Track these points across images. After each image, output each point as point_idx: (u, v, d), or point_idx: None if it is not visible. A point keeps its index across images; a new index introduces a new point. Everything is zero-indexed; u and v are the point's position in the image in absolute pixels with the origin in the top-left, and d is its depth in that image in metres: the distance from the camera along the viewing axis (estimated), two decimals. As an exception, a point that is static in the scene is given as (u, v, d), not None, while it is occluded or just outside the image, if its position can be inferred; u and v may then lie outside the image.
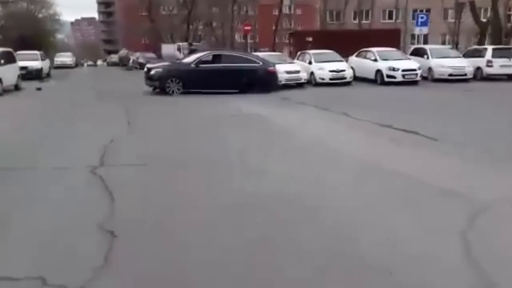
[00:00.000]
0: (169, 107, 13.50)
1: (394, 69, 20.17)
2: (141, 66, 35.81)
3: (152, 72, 16.87)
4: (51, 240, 4.02)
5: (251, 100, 14.99)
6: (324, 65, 20.54)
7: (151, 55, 38.59)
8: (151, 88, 17.37)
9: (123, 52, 47.41)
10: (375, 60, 21.13)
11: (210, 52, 18.06)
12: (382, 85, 20.11)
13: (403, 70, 20.14)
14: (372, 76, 21.08)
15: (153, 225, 4.39)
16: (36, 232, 4.20)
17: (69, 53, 43.35)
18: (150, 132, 9.39)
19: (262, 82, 17.37)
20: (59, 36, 79.47)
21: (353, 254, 3.76)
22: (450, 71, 21.04)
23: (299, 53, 23.33)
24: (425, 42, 39.66)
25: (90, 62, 72.60)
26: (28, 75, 20.76)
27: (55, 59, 37.23)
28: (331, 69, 20.31)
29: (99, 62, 70.31)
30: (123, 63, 44.04)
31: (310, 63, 21.02)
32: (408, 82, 20.11)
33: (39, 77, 22.49)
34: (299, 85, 19.83)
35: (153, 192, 5.42)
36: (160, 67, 17.21)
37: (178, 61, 18.51)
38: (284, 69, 19.11)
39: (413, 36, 46.72)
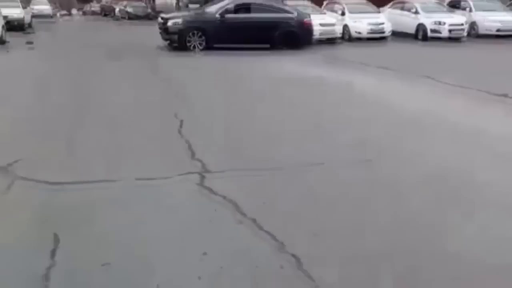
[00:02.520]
0: (207, 69, 10.69)
1: (440, 24, 17.62)
2: (130, 16, 32.35)
3: (170, 23, 13.85)
4: None
5: (291, 59, 12.55)
6: (361, 17, 17.81)
7: (140, 3, 34.83)
8: (165, 43, 14.44)
9: (105, 0, 43.16)
10: (416, 13, 18.48)
11: (237, 0, 15.07)
12: (425, 42, 17.61)
13: (450, 25, 17.62)
14: (411, 31, 18.49)
15: None
16: None
17: (45, 0, 38.88)
18: (215, 108, 6.70)
19: (297, 36, 14.75)
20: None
21: None
22: (499, 26, 18.59)
23: (325, 2, 20.44)
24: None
25: (63, 12, 66.98)
26: (7, 26, 17.20)
27: (31, 7, 33.00)
28: (370, 22, 17.61)
29: (74, 11, 65.02)
30: (105, 12, 40.07)
31: (343, 14, 18.24)
32: (453, 38, 17.68)
33: (22, 29, 18.98)
34: (330, 40, 17.16)
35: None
36: (178, 17, 14.19)
37: (199, 11, 15.45)
38: (317, 21, 16.30)
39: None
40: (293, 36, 14.60)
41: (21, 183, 3.61)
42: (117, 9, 34.86)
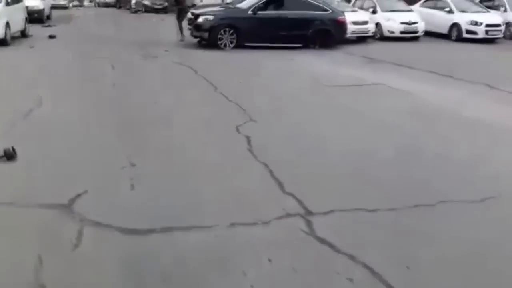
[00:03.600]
0: (248, 69, 10.07)
1: (476, 24, 16.82)
2: (147, 9, 31.60)
3: (201, 20, 13.18)
4: None
5: (330, 60, 11.96)
6: (393, 15, 17.08)
7: (157, -5, 34.03)
8: (194, 39, 13.80)
9: (121, -8, 42.45)
10: (450, 11, 17.67)
11: (270, -5, 14.36)
12: (459, 42, 16.83)
13: (487, 26, 16.82)
14: (444, 30, 17.71)
15: None
16: None
17: (60, -9, 38.15)
18: (277, 119, 6.06)
19: (331, 34, 14.06)
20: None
21: None
22: (538, 27, 17.81)
23: (354, -1, 19.67)
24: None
25: (75, 2, 66.13)
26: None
27: (47, -3, 32.30)
28: (403, 20, 16.87)
29: (86, 2, 64.21)
30: (120, 4, 39.40)
31: (374, 12, 17.46)
32: (488, 39, 16.87)
33: (41, 20, 18.34)
34: (360, 39, 16.43)
35: None
36: (210, 13, 13.50)
37: (231, 6, 14.76)
38: (350, 19, 15.55)
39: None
40: (327, 35, 13.94)
41: (92, 231, 2.95)
42: (133, 1, 34.08)
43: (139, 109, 6.21)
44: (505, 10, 18.62)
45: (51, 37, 13.84)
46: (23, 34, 13.79)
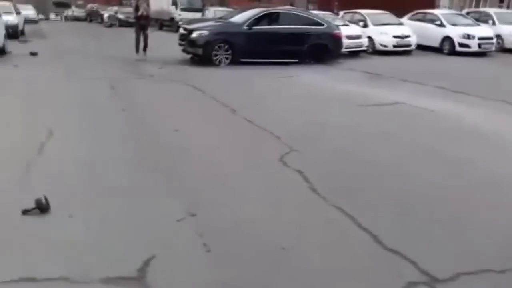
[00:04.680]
0: (256, 88, 9.39)
1: (469, 37, 16.68)
2: (121, 23, 30.62)
3: (195, 35, 12.45)
4: None
5: (331, 76, 11.48)
6: (385, 29, 16.78)
7: (129, 9, 33.10)
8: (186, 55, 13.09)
9: (91, 6, 41.33)
10: (441, 25, 17.50)
11: (265, 9, 13.77)
12: (452, 55, 16.62)
13: (480, 38, 16.71)
14: (435, 44, 17.51)
15: None
16: None
17: (29, 5, 36.78)
18: (319, 145, 5.41)
19: (328, 49, 13.62)
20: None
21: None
22: (528, 40, 17.84)
23: (342, 13, 19.33)
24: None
25: (41, 16, 64.36)
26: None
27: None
28: (395, 34, 16.59)
29: (52, 16, 62.48)
30: (91, 18, 38.30)
31: (365, 26, 17.13)
32: (481, 52, 16.75)
33: (16, 36, 17.19)
34: (353, 53, 16.04)
35: None
36: (203, 28, 12.78)
37: (224, 21, 14.07)
38: (344, 33, 15.11)
39: None
40: (323, 50, 13.47)
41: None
42: (106, 15, 33.06)
43: (161, 139, 5.42)
44: (494, 23, 18.67)
45: (33, 54, 12.80)
46: (2, 51, 12.72)
